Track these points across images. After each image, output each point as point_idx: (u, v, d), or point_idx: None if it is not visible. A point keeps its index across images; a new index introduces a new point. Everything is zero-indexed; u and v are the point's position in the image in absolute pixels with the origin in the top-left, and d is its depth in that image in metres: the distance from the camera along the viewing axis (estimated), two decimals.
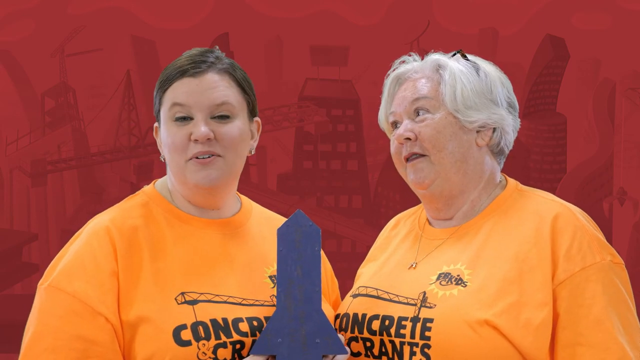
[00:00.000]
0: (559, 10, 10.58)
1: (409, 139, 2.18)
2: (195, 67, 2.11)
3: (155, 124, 2.20)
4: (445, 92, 2.17)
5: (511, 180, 2.26)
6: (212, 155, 2.10)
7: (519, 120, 2.26)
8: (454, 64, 2.21)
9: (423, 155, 2.17)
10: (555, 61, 10.94)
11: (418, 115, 2.19)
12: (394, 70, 2.28)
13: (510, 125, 2.22)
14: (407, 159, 2.20)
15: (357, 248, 10.49)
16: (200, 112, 2.10)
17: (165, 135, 2.12)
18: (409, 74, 2.24)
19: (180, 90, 2.11)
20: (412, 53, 2.29)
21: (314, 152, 11.12)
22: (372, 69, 11.05)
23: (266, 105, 10.61)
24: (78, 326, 2.00)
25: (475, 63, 2.23)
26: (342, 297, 2.37)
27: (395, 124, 2.24)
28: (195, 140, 2.09)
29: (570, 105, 11.09)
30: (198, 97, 2.10)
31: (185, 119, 2.11)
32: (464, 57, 2.24)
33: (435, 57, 2.25)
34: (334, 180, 11.05)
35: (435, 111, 2.18)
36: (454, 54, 2.25)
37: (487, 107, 2.18)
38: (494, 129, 2.20)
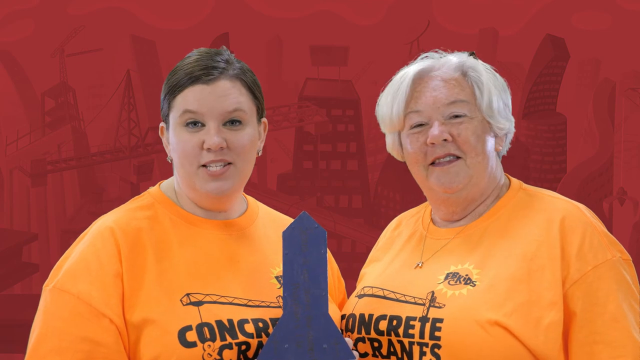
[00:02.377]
0: (559, 10, 10.59)
1: (445, 140, 2.16)
2: (208, 74, 2.10)
3: (162, 124, 2.19)
4: (483, 97, 2.17)
5: (514, 180, 2.26)
6: (224, 163, 2.10)
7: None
8: (483, 69, 2.21)
9: (458, 158, 2.16)
10: (555, 61, 10.94)
11: (455, 117, 2.16)
12: (414, 65, 2.24)
13: (513, 128, 2.26)
14: (434, 162, 2.17)
15: (357, 248, 10.49)
16: (213, 120, 2.09)
17: (175, 141, 2.12)
18: (433, 72, 2.20)
19: (192, 97, 2.10)
20: (438, 50, 2.26)
21: (314, 152, 11.12)
22: (372, 69, 11.06)
23: (266, 105, 10.56)
24: (83, 328, 2.00)
25: (489, 68, 2.24)
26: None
27: (418, 125, 2.19)
28: (208, 149, 2.09)
29: (570, 105, 11.10)
30: (210, 105, 2.09)
31: (196, 124, 2.10)
32: (476, 59, 2.24)
33: (460, 58, 2.22)
34: (334, 180, 11.06)
35: (472, 115, 2.17)
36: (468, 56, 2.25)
37: (508, 114, 2.22)
38: (506, 135, 2.23)
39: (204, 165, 2.10)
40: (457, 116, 2.16)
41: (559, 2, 10.54)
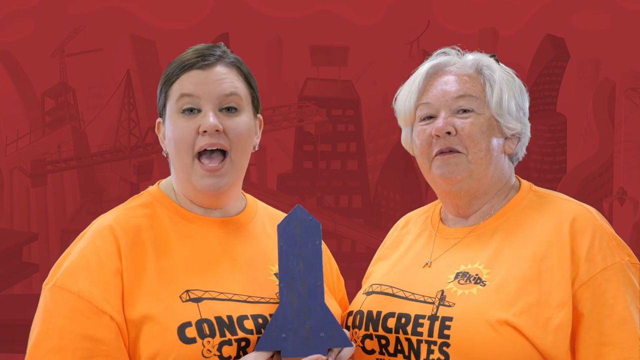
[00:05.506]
0: (559, 10, 10.60)
1: (449, 133, 2.18)
2: (204, 60, 2.12)
3: (158, 120, 2.20)
4: (493, 95, 2.19)
5: (524, 182, 2.28)
6: (219, 148, 2.10)
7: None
8: (498, 69, 2.22)
9: (459, 152, 2.18)
10: (555, 61, 10.95)
11: (463, 112, 2.19)
12: (431, 60, 2.27)
13: (529, 133, 2.27)
14: (437, 153, 2.19)
15: (357, 248, 10.49)
16: (209, 103, 2.10)
17: (172, 128, 2.12)
18: (448, 67, 2.23)
19: (189, 82, 2.11)
20: (455, 46, 2.29)
21: (314, 152, 11.13)
22: (372, 69, 11.06)
23: (266, 105, 10.63)
24: (83, 325, 2.00)
25: (509, 71, 2.25)
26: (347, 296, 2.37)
27: (427, 117, 2.22)
28: (204, 132, 2.09)
29: (570, 105, 11.11)
30: (207, 88, 2.11)
31: (193, 111, 2.11)
32: (497, 62, 2.26)
33: (477, 56, 2.25)
34: (334, 180, 11.06)
35: (480, 111, 2.19)
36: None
37: (521, 117, 2.23)
38: (519, 138, 2.24)
39: (199, 159, 2.10)
40: (465, 111, 2.18)
41: (559, 2, 10.55)
